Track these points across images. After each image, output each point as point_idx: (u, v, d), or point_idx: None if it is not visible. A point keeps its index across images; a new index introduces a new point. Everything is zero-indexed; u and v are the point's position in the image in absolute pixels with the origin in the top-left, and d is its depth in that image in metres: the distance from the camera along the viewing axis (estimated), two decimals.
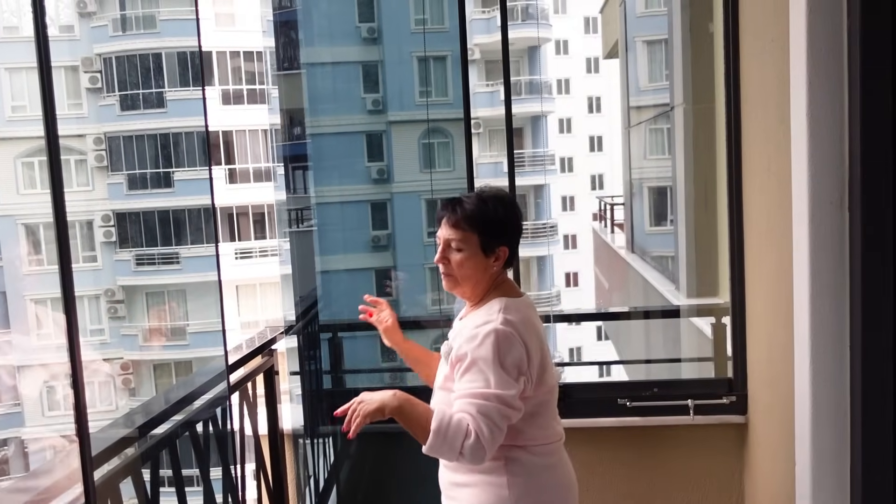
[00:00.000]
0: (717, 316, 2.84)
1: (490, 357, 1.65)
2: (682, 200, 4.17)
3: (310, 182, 3.63)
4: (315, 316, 3.18)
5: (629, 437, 2.64)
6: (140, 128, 19.61)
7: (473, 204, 1.78)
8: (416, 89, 4.62)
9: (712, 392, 2.59)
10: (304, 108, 3.51)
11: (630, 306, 7.63)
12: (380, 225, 4.41)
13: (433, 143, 4.60)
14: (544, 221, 23.07)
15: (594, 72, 33.20)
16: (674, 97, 4.73)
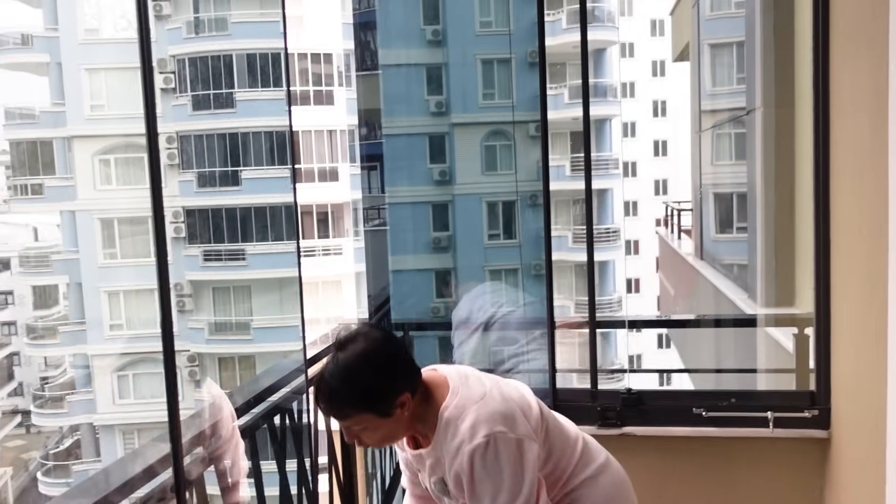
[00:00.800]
0: (799, 326, 2.76)
1: (490, 474, 1.59)
2: (760, 206, 4.07)
3: (382, 182, 3.67)
4: (387, 314, 3.21)
5: (704, 448, 2.58)
6: (210, 127, 20.13)
7: (342, 385, 1.60)
8: (480, 92, 4.62)
9: (793, 405, 2.51)
10: (380, 109, 3.55)
11: (699, 314, 7.46)
12: (441, 227, 4.42)
13: (495, 145, 4.59)
14: (607, 226, 22.81)
15: (660, 75, 32.68)
16: (752, 100, 4.61)
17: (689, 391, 2.75)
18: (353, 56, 3.16)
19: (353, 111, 18.30)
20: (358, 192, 19.56)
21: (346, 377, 1.59)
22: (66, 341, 21.31)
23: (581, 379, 2.72)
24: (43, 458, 26.31)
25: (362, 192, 3.40)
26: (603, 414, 2.59)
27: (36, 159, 21.04)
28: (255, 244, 20.36)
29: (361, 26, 3.36)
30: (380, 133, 3.61)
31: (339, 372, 1.60)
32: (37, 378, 26.95)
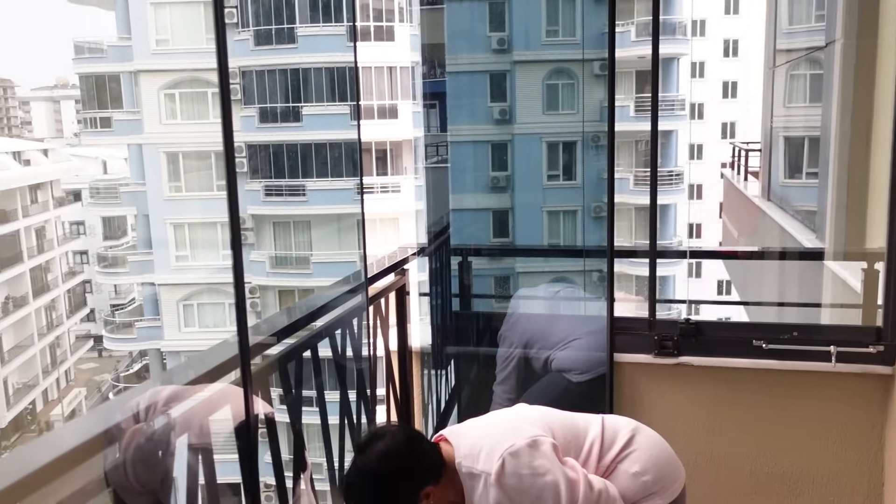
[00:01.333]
0: (868, 261, 2.68)
1: (531, 485, 1.62)
2: (834, 143, 3.92)
3: (444, 119, 3.65)
4: (445, 242, 3.23)
5: (763, 380, 2.56)
6: (272, 63, 20.20)
7: (364, 492, 1.63)
8: (543, 29, 4.51)
9: (858, 340, 2.45)
10: (443, 45, 3.50)
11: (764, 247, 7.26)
12: (500, 166, 4.39)
13: (557, 84, 4.50)
14: (669, 169, 22.31)
15: (733, 13, 31.35)
16: (832, 32, 4.40)
17: (750, 323, 2.72)
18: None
19: (415, 47, 18.13)
20: (417, 129, 19.55)
21: (369, 483, 1.63)
22: (134, 270, 22.09)
23: (640, 308, 2.71)
24: (114, 380, 27.68)
25: (423, 130, 3.39)
26: (660, 343, 2.58)
27: (105, 93, 21.50)
28: (315, 180, 20.58)
29: None
30: (441, 70, 3.57)
31: (361, 478, 1.63)
32: (107, 305, 28.14)
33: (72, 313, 31.42)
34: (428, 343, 3.10)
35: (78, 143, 30.30)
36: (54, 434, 2.95)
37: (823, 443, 2.55)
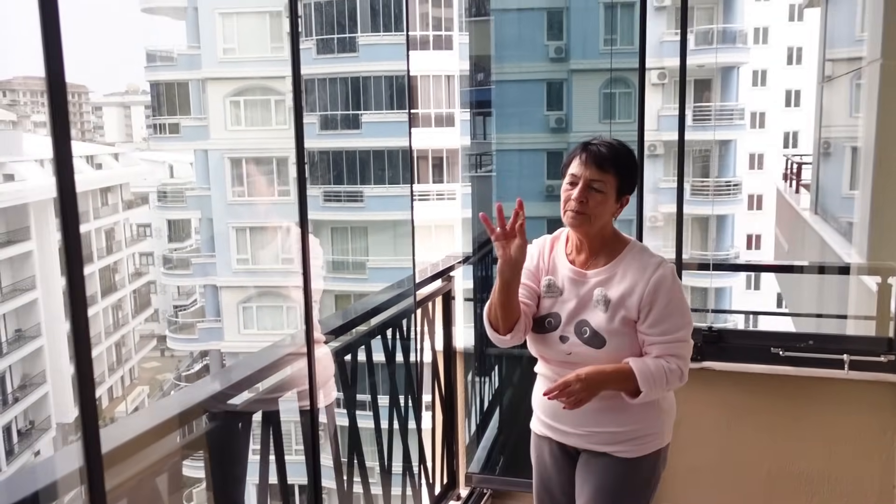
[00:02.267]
0: (882, 275, 2.83)
1: (677, 300, 1.85)
2: (870, 161, 4.04)
3: (491, 128, 3.83)
4: (490, 251, 3.48)
5: (779, 385, 2.74)
6: (333, 71, 20.69)
7: (616, 148, 1.88)
8: (601, 37, 4.63)
9: (870, 349, 2.62)
10: (491, 55, 3.69)
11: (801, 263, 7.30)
12: (555, 174, 4.53)
13: (615, 92, 4.63)
14: (728, 179, 22.06)
15: (797, 20, 30.73)
16: (873, 51, 4.51)
17: (769, 332, 2.89)
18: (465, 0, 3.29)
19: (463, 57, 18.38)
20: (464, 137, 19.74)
21: (620, 144, 1.91)
22: (197, 272, 22.77)
23: None
24: (175, 379, 28.53)
25: (470, 139, 3.59)
26: None
27: (173, 100, 22.28)
28: (373, 187, 21.00)
29: None
30: (489, 79, 3.74)
31: (608, 143, 1.89)
32: (171, 305, 29.06)
33: (137, 313, 32.48)
34: (472, 346, 3.34)
35: (147, 147, 31.32)
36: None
37: (837, 446, 2.72)
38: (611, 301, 1.86)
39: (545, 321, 1.95)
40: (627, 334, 1.87)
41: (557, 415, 1.97)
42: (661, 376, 1.83)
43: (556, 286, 1.95)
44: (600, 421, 1.92)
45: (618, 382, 1.85)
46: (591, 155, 1.86)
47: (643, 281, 1.84)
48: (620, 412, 1.91)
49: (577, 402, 1.82)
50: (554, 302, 1.95)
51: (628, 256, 1.91)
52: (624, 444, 1.92)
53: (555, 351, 1.93)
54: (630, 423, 1.92)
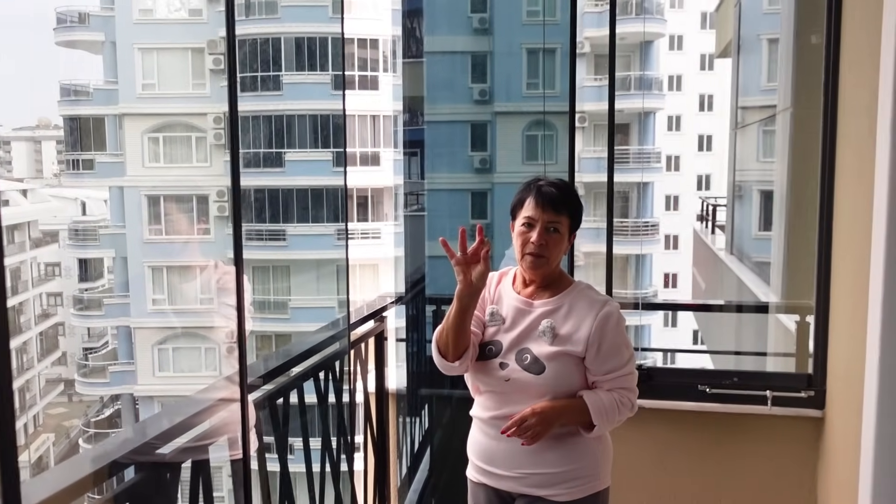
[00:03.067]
0: (801, 314, 2.95)
1: (622, 336, 1.90)
2: (782, 204, 4.23)
3: (421, 168, 3.85)
4: (422, 291, 3.46)
5: (707, 422, 2.80)
6: (257, 109, 20.53)
7: (564, 188, 1.93)
8: (524, 81, 4.73)
9: (791, 385, 2.71)
10: (423, 96, 3.73)
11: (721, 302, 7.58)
12: (479, 214, 4.57)
13: (537, 135, 4.72)
14: (646, 220, 22.79)
15: (708, 69, 32.31)
16: (782, 100, 4.75)
17: (696, 370, 2.96)
18: (399, 42, 3.32)
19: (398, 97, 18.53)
20: (397, 177, 19.86)
21: (566, 184, 1.97)
22: (110, 313, 21.94)
23: None
24: (84, 426, 27.19)
25: (404, 178, 3.61)
26: None
27: (88, 135, 21.63)
28: (296, 225, 20.78)
29: (409, 13, 3.55)
30: (422, 119, 3.78)
31: (554, 183, 1.94)
32: (80, 348, 27.81)
33: (43, 356, 30.97)
34: (404, 387, 3.30)
35: (58, 183, 30.22)
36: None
37: (762, 481, 2.79)
38: (558, 334, 1.89)
39: (486, 348, 1.96)
40: (567, 364, 1.89)
41: (491, 458, 1.96)
42: (614, 408, 1.87)
43: (500, 315, 1.98)
44: (535, 462, 1.91)
45: (572, 416, 1.87)
46: (546, 197, 1.90)
47: (591, 317, 1.88)
48: (555, 452, 1.90)
49: (534, 437, 1.83)
50: (497, 330, 1.97)
51: (575, 292, 1.95)
52: (560, 486, 1.91)
53: (493, 378, 1.93)
54: (566, 464, 1.91)
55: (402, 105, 3.53)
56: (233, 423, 1.82)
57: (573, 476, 1.91)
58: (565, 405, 1.87)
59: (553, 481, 1.91)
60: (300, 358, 2.22)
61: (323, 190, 20.63)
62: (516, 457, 1.91)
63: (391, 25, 18.91)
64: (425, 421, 3.67)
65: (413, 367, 3.32)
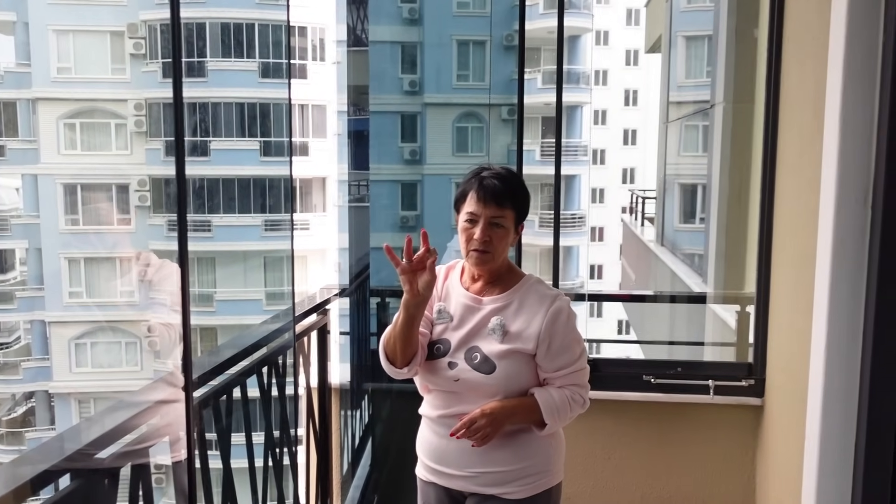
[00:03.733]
0: (741, 304, 3.01)
1: (573, 331, 1.87)
2: (716, 196, 4.31)
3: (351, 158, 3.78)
4: (365, 283, 3.39)
5: (651, 412, 2.83)
6: None
7: (509, 179, 1.86)
8: (454, 73, 4.70)
9: (732, 375, 2.76)
10: (357, 86, 3.65)
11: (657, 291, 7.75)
12: (409, 206, 4.52)
13: (467, 127, 4.69)
14: (573, 212, 23.16)
15: (633, 65, 33.04)
16: (715, 95, 4.85)
17: (641, 360, 3.00)
18: (327, 31, 3.23)
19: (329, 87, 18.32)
20: (329, 167, 19.60)
21: (511, 174, 1.90)
22: (22, 307, 21.02)
23: None
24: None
25: (348, 168, 3.53)
26: None
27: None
28: (222, 216, 20.28)
29: (351, 2, 3.47)
30: (353, 109, 3.70)
31: (498, 173, 1.87)
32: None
33: None
34: (347, 381, 3.23)
35: None
36: None
37: (704, 468, 2.83)
38: (508, 332, 1.84)
39: (434, 347, 1.90)
40: (518, 362, 1.84)
41: (441, 458, 1.91)
42: (566, 405, 1.85)
43: (447, 313, 1.92)
44: (486, 461, 1.87)
45: (523, 415, 1.84)
46: (488, 192, 1.83)
47: (541, 314, 1.84)
48: (507, 450, 1.87)
49: (484, 438, 1.79)
50: (444, 328, 1.91)
51: (525, 287, 1.90)
52: (512, 483, 1.87)
53: (442, 378, 1.87)
54: (517, 462, 1.87)
55: (348, 94, 3.45)
56: (175, 423, 1.72)
57: (525, 473, 1.88)
58: (516, 404, 1.83)
59: (505, 479, 1.87)
60: (244, 353, 2.12)
61: (250, 180, 20.20)
62: (467, 456, 1.87)
63: (321, 13, 18.60)
64: (365, 415, 3.60)
65: (355, 361, 3.25)
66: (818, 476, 2.01)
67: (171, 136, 6.96)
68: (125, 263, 19.49)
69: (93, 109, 19.98)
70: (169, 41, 6.96)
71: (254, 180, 20.45)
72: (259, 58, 20.42)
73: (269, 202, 21.17)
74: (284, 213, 21.16)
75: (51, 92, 19.60)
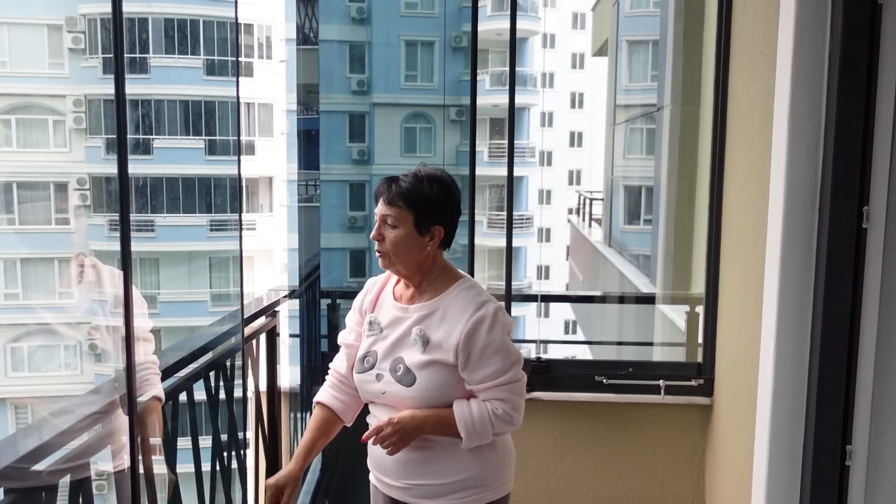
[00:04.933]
0: (691, 305, 3.05)
1: (497, 341, 1.74)
2: (664, 198, 4.37)
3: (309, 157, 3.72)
4: (315, 282, 3.33)
5: (603, 412, 2.85)
6: None
7: (409, 182, 1.78)
8: (402, 73, 4.67)
9: (682, 374, 2.80)
10: (305, 85, 3.60)
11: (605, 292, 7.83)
12: (357, 206, 4.47)
13: (416, 127, 4.66)
14: (520, 213, 23.31)
15: (579, 68, 33.45)
16: (662, 98, 4.92)
17: (593, 361, 3.01)
18: (273, 29, 3.18)
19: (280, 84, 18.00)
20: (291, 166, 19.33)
21: (416, 177, 1.78)
22: None
23: None
24: None
25: (298, 167, 3.47)
26: None
27: None
28: (165, 216, 19.82)
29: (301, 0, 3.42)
30: (302, 108, 3.64)
31: (413, 174, 1.79)
32: None
33: None
34: (296, 384, 3.17)
35: None
36: None
37: (655, 467, 2.86)
38: (429, 341, 1.77)
39: (364, 359, 1.85)
40: (440, 373, 1.76)
41: (381, 467, 1.87)
42: (485, 421, 1.74)
43: (377, 323, 1.86)
44: (419, 473, 1.81)
45: (436, 427, 1.75)
46: (379, 190, 1.81)
47: (461, 323, 1.75)
48: (440, 463, 1.81)
49: (393, 448, 1.74)
50: (374, 340, 1.86)
51: (452, 294, 1.81)
52: (446, 497, 1.81)
53: (371, 391, 1.83)
54: (451, 475, 1.81)
55: (297, 93, 3.39)
56: (117, 431, 1.66)
57: (461, 487, 1.81)
58: (428, 415, 1.75)
59: (439, 492, 1.81)
60: (191, 357, 2.06)
61: (195, 179, 19.78)
62: (403, 466, 1.82)
63: (267, 11, 18.34)
64: None
65: (305, 363, 3.19)
66: (767, 475, 2.05)
67: (112, 134, 6.76)
68: (63, 264, 18.96)
69: (29, 105, 19.28)
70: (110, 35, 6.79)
71: (199, 179, 20.03)
72: (204, 54, 20.02)
73: (215, 202, 20.76)
74: (231, 213, 20.77)
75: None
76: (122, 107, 1.45)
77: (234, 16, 2.15)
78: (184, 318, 17.85)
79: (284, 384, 2.98)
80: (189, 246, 19.01)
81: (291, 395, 3.06)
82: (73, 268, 2.54)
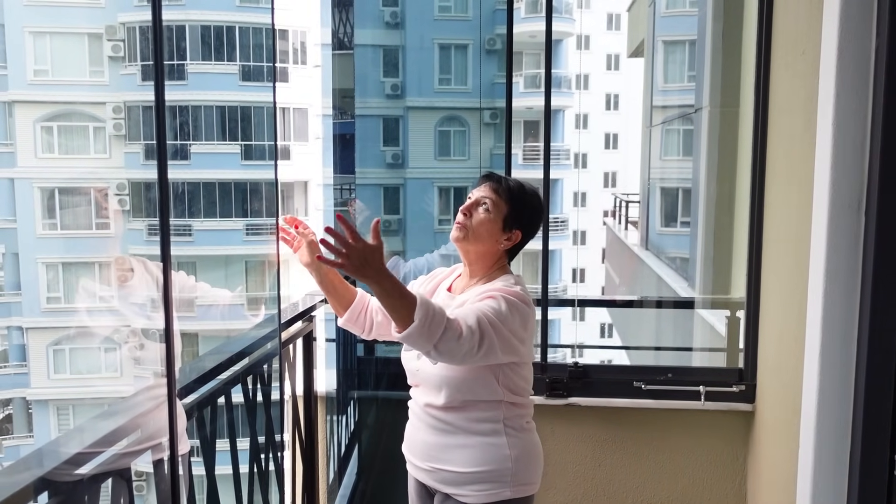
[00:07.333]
0: (731, 310, 2.99)
1: (505, 306, 1.73)
2: (703, 200, 4.31)
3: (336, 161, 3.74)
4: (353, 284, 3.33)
5: (642, 418, 2.80)
6: None
7: (516, 183, 1.91)
8: (436, 76, 4.68)
9: (723, 380, 2.75)
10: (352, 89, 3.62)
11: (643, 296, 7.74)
12: (392, 210, 4.49)
13: (449, 130, 4.67)
14: (555, 216, 23.22)
15: (614, 69, 33.20)
16: (700, 99, 4.86)
17: (631, 366, 2.97)
18: (308, 34, 3.22)
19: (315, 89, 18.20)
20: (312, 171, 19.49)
21: (521, 184, 1.92)
22: None
23: None
24: None
25: (333, 172, 3.48)
26: (551, 385, 2.79)
27: None
28: (203, 220, 20.11)
29: (338, 3, 3.43)
30: (337, 113, 3.66)
31: (518, 181, 1.93)
32: None
33: None
34: (333, 388, 3.18)
35: None
36: None
37: (695, 474, 2.81)
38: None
39: None
40: None
41: (410, 447, 1.94)
42: (441, 319, 1.61)
43: None
44: (444, 459, 1.85)
45: (394, 286, 1.61)
46: (491, 179, 1.90)
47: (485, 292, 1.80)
48: (466, 452, 1.83)
49: (342, 258, 1.59)
50: None
51: (490, 282, 1.88)
52: (466, 486, 1.83)
53: (410, 369, 1.93)
54: (473, 465, 1.82)
55: (332, 98, 3.41)
56: (157, 433, 1.67)
57: (481, 479, 1.82)
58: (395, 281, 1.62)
59: (458, 481, 1.84)
60: (229, 363, 2.07)
61: (231, 184, 20.05)
62: (429, 450, 1.88)
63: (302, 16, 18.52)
64: (351, 422, 3.55)
65: (341, 367, 3.20)
66: (813, 483, 2.00)
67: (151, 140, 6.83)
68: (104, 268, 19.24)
69: (70, 112, 19.75)
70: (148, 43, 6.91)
71: (235, 184, 20.30)
72: (240, 60, 20.28)
73: (252, 206, 21.01)
74: (267, 218, 20.98)
75: (27, 95, 19.35)
76: (161, 113, 1.47)
77: (271, 22, 2.18)
78: (219, 322, 18.11)
79: (321, 388, 2.99)
80: (226, 250, 19.26)
81: (328, 399, 3.07)
82: (113, 272, 2.58)
